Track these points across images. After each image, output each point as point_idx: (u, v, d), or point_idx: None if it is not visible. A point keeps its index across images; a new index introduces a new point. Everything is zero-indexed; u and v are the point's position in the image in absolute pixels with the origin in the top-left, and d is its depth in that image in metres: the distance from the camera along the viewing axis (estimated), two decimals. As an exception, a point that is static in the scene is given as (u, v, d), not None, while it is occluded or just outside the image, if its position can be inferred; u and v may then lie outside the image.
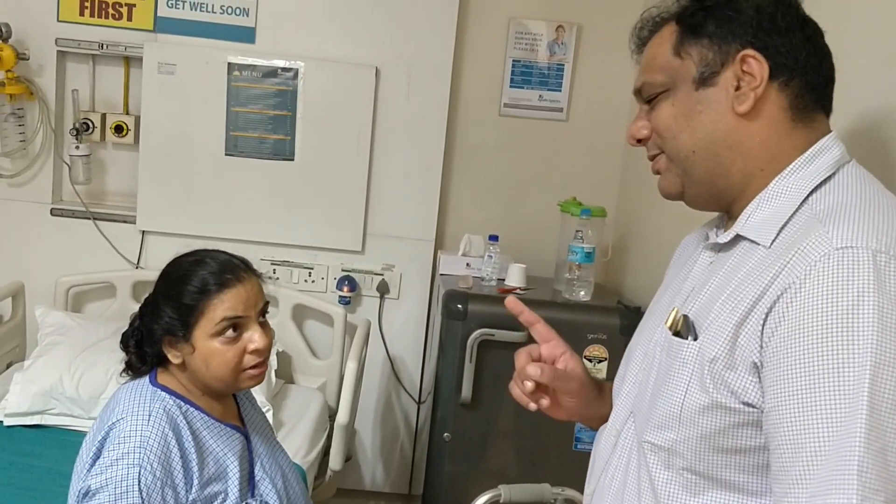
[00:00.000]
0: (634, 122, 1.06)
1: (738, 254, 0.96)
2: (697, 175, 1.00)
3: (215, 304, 1.40)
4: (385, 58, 2.94)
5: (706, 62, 0.96)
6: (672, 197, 1.06)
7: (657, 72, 1.01)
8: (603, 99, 3.02)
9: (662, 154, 1.03)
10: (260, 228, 2.98)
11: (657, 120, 1.02)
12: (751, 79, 0.94)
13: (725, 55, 0.96)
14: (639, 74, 1.05)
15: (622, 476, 1.05)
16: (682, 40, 0.99)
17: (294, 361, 3.02)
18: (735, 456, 0.90)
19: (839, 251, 0.82)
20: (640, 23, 1.07)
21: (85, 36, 2.87)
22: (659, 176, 1.06)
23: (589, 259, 2.53)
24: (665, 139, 1.01)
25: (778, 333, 0.84)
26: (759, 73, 0.94)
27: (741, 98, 0.95)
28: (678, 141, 1.00)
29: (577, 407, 1.19)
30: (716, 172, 0.99)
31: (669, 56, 1.00)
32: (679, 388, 0.93)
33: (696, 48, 0.97)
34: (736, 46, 0.95)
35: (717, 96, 0.96)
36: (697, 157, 0.99)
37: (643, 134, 1.05)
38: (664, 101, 1.01)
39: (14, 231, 2.98)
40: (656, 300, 1.16)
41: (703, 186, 1.01)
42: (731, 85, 0.95)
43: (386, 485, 3.23)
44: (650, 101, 1.03)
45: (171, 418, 1.39)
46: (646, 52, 1.05)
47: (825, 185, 0.93)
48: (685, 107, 0.99)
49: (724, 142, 0.97)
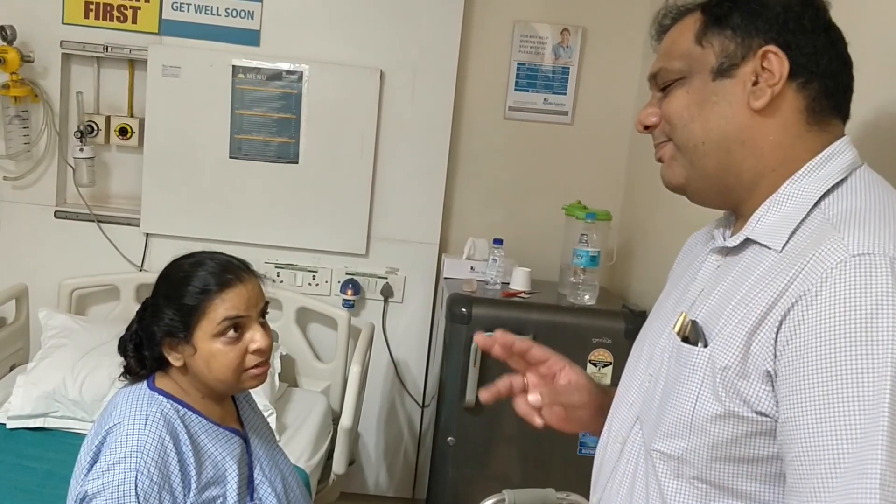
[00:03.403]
0: (645, 108, 1.04)
1: (747, 258, 0.95)
2: (705, 168, 0.98)
3: (217, 303, 1.40)
4: (390, 61, 2.93)
5: (727, 53, 0.95)
6: (674, 188, 1.04)
7: (676, 58, 1.00)
8: (608, 102, 3.02)
9: (669, 142, 1.01)
10: (264, 231, 2.98)
11: (669, 107, 1.00)
12: (769, 75, 0.93)
13: (747, 49, 0.94)
14: (656, 60, 1.04)
15: (629, 484, 1.03)
16: (705, 29, 0.97)
17: (298, 365, 3.01)
18: (747, 465, 0.89)
19: (856, 258, 0.80)
20: (664, 10, 1.05)
21: (90, 38, 2.87)
22: (662, 164, 1.04)
23: (594, 263, 2.52)
24: (675, 127, 0.99)
25: (793, 342, 0.82)
26: (779, 71, 0.93)
27: (757, 93, 0.93)
28: (688, 129, 0.98)
29: (589, 417, 1.18)
30: (726, 168, 0.97)
31: (690, 44, 0.98)
32: (689, 396, 0.92)
33: (719, 38, 0.96)
34: (759, 41, 0.94)
35: (734, 89, 0.95)
36: (707, 148, 0.97)
37: (651, 121, 1.03)
38: (679, 89, 0.99)
39: (18, 233, 2.98)
40: (661, 303, 1.14)
41: (710, 181, 0.99)
42: (749, 79, 0.94)
43: (389, 489, 3.22)
44: (664, 88, 1.02)
45: (169, 422, 1.38)
46: (666, 39, 1.03)
47: (837, 189, 0.91)
48: (700, 96, 0.97)
49: (736, 137, 0.95)
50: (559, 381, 1.18)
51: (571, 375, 1.18)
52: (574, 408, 1.16)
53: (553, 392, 1.14)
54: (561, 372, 1.18)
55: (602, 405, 1.18)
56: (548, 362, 1.19)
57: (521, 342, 1.19)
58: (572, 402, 1.15)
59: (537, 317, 2.42)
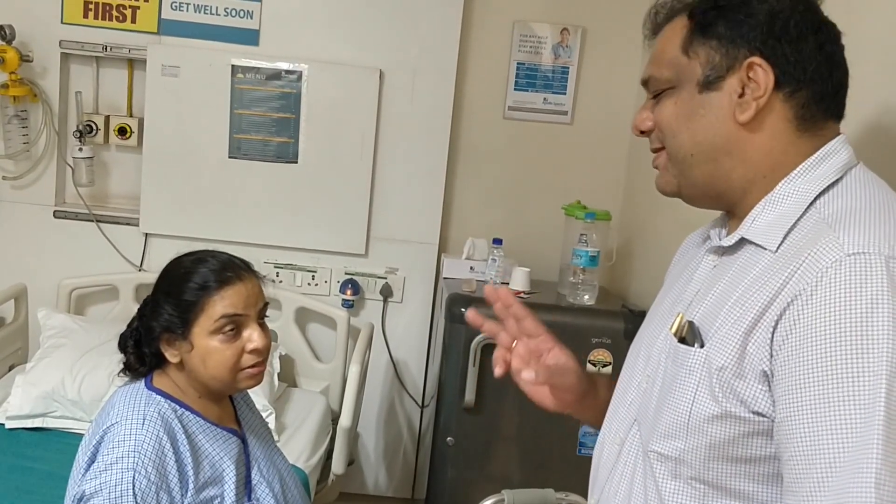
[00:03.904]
0: (640, 112, 1.05)
1: (743, 258, 0.95)
2: (695, 178, 0.99)
3: (215, 300, 1.40)
4: (389, 60, 2.93)
5: (712, 65, 0.95)
6: (668, 195, 1.05)
7: (664, 67, 1.00)
8: (607, 102, 3.01)
9: (664, 150, 1.02)
10: (263, 231, 2.98)
11: (660, 115, 1.01)
12: (755, 87, 0.92)
13: (732, 60, 0.94)
14: (647, 65, 1.04)
15: (628, 485, 1.03)
16: (691, 38, 0.97)
17: (297, 365, 3.01)
18: (744, 465, 0.89)
19: (851, 257, 0.80)
20: (656, 7, 1.05)
21: (89, 38, 2.87)
22: (658, 172, 1.05)
23: (593, 263, 2.52)
24: (666, 136, 1.00)
25: (789, 342, 0.82)
26: (764, 83, 0.92)
27: (743, 106, 0.93)
28: (677, 140, 0.99)
29: (571, 400, 1.19)
30: (715, 176, 0.97)
31: (677, 52, 0.98)
32: (686, 396, 0.92)
33: (704, 49, 0.96)
34: (744, 52, 0.93)
35: (720, 102, 0.95)
36: (695, 160, 0.98)
37: (647, 126, 1.03)
38: (668, 98, 1.00)
39: (17, 233, 2.98)
40: (657, 303, 1.14)
41: (701, 188, 1.00)
42: (735, 91, 0.94)
43: (389, 489, 3.22)
44: (656, 95, 1.02)
45: (166, 422, 1.38)
46: (657, 43, 1.04)
47: (833, 188, 0.91)
48: (687, 108, 0.97)
49: (723, 148, 0.95)
50: (546, 361, 1.18)
51: (560, 357, 1.18)
52: (560, 390, 1.17)
53: (547, 372, 1.14)
54: (550, 351, 1.18)
55: (586, 392, 1.20)
56: (539, 338, 1.19)
57: (519, 306, 1.19)
58: (563, 383, 1.17)
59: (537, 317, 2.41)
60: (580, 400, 1.19)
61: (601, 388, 1.22)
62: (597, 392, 1.21)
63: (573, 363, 1.19)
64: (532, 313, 1.20)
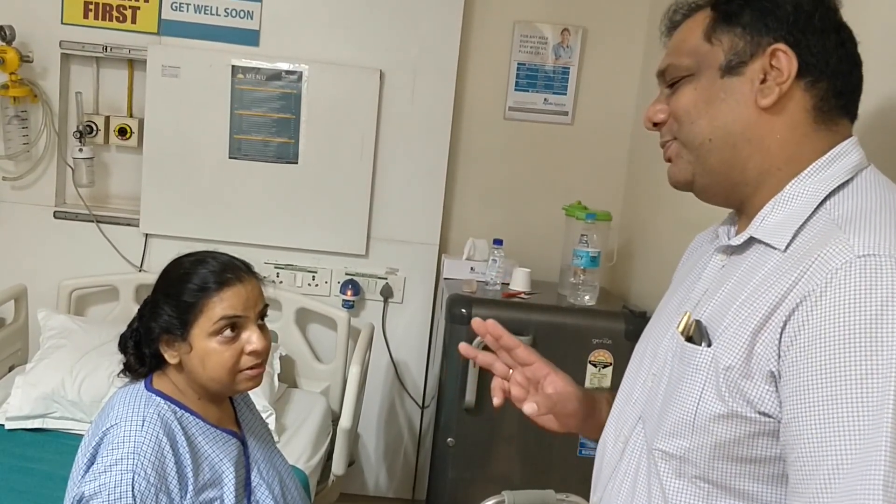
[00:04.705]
0: (653, 104, 1.04)
1: (751, 257, 0.95)
2: (711, 164, 0.98)
3: (214, 301, 1.39)
4: (389, 61, 2.93)
5: (736, 51, 0.95)
6: (681, 186, 1.04)
7: (684, 55, 1.00)
8: (608, 102, 3.01)
9: (675, 141, 1.02)
10: (263, 232, 2.97)
11: (677, 103, 1.00)
12: (778, 73, 0.93)
13: (756, 46, 0.94)
14: (665, 56, 1.04)
15: (631, 484, 1.03)
16: (714, 26, 0.97)
17: (297, 365, 3.01)
18: (750, 465, 0.88)
19: (861, 259, 0.80)
20: (675, 6, 1.05)
21: (89, 38, 2.87)
22: (670, 164, 1.05)
23: (594, 263, 2.51)
24: (682, 124, 1.00)
25: (797, 343, 0.82)
26: (787, 69, 0.92)
27: (765, 91, 0.93)
28: (695, 126, 0.98)
29: (576, 423, 1.19)
30: (731, 164, 0.97)
31: (699, 40, 0.98)
32: (692, 395, 0.91)
33: (728, 36, 0.96)
34: (768, 39, 0.94)
35: (742, 87, 0.95)
36: (713, 145, 0.97)
37: (660, 118, 1.03)
38: (687, 86, 0.99)
39: (17, 234, 2.98)
40: (665, 303, 1.14)
41: (716, 177, 0.99)
42: (758, 77, 0.94)
43: (389, 490, 3.21)
44: (672, 84, 1.02)
45: (166, 423, 1.38)
46: (675, 36, 1.04)
47: (842, 189, 0.91)
48: (707, 93, 0.97)
49: (742, 134, 0.95)
50: (545, 389, 1.17)
51: (557, 383, 1.18)
52: (564, 416, 1.17)
53: (548, 402, 1.13)
54: (546, 378, 1.18)
55: (589, 411, 1.20)
56: (532, 366, 1.19)
57: (508, 337, 1.19)
58: (565, 410, 1.17)
59: (537, 317, 2.41)
60: (583, 421, 1.20)
61: (603, 407, 1.21)
62: (599, 413, 1.21)
63: (572, 387, 1.18)
64: (522, 342, 1.20)
